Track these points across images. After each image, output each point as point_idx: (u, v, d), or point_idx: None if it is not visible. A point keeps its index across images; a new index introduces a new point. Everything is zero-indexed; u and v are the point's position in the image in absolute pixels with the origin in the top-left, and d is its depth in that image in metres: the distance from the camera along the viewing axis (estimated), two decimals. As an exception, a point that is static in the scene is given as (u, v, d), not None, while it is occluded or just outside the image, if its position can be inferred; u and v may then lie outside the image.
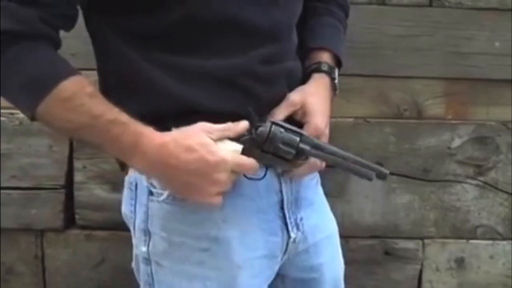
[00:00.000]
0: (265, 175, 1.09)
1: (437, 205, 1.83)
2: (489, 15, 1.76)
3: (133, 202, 1.13)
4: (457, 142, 1.81)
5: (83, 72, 1.05)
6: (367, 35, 1.74)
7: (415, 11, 1.76)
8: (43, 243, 1.81)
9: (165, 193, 1.08)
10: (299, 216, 1.17)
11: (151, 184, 1.09)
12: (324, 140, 1.16)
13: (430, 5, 1.76)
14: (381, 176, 1.09)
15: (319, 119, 1.15)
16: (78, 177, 1.78)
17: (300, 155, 1.06)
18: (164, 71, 1.05)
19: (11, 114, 1.75)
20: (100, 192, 1.74)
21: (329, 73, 1.22)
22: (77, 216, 1.80)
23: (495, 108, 1.81)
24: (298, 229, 1.16)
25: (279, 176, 1.13)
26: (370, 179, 1.09)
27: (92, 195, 1.77)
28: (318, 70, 1.21)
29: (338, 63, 1.25)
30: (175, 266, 1.09)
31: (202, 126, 1.02)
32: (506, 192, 1.84)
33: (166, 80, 1.04)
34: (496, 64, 1.77)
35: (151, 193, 1.10)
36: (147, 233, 1.11)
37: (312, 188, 1.23)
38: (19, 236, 1.81)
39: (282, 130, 1.05)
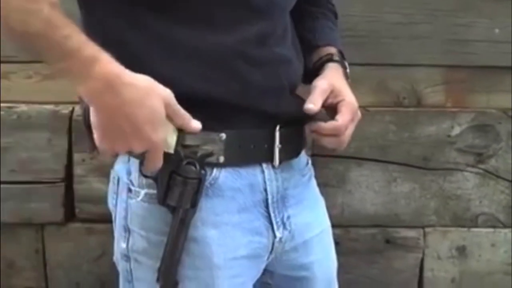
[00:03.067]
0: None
1: (437, 193, 1.83)
2: (489, 2, 1.75)
3: (115, 196, 1.13)
4: (457, 130, 1.80)
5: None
6: (366, 24, 1.74)
7: (414, -2, 1.76)
8: (43, 237, 1.81)
9: (142, 192, 1.07)
10: (286, 215, 1.14)
11: (130, 182, 1.08)
12: (357, 116, 1.17)
13: (429, -8, 1.75)
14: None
15: (351, 96, 1.17)
16: (77, 170, 1.77)
17: (169, 208, 1.03)
18: (150, 44, 1.01)
19: (10, 108, 1.75)
20: (100, 185, 1.73)
21: (341, 63, 1.24)
22: (77, 210, 1.80)
23: (495, 95, 1.80)
24: (285, 228, 1.14)
25: (263, 174, 1.11)
26: (156, 279, 1.05)
27: (92, 188, 1.76)
28: (331, 60, 1.23)
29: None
30: (154, 264, 1.06)
31: (169, 95, 0.96)
32: (507, 180, 1.84)
33: (152, 55, 1.01)
34: (496, 51, 1.76)
35: (130, 191, 1.08)
36: (126, 230, 1.10)
37: (303, 185, 1.20)
38: (20, 230, 1.81)
39: (195, 188, 1.02)
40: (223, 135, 1.05)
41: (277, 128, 1.10)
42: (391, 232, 1.84)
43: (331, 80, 1.17)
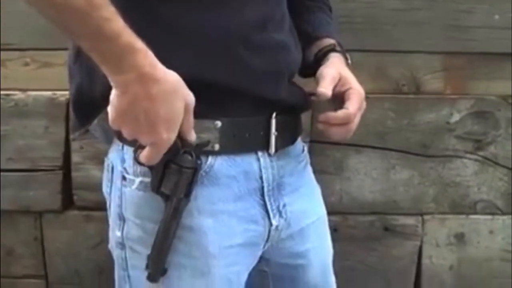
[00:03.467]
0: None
1: (436, 180, 1.83)
2: (488, -13, 1.75)
3: (109, 184, 1.12)
4: (456, 117, 1.80)
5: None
6: (364, 10, 1.73)
7: (413, -16, 1.75)
8: (42, 225, 1.81)
9: (137, 181, 1.06)
10: (282, 203, 1.14)
11: (125, 170, 1.08)
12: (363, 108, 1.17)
13: (428, -22, 1.74)
14: (149, 278, 1.05)
15: (358, 84, 1.17)
16: (75, 158, 1.77)
17: (163, 196, 1.02)
18: (148, 27, 0.98)
19: (7, 95, 1.74)
20: (97, 172, 1.72)
21: (343, 53, 1.24)
22: (75, 197, 1.80)
23: (495, 82, 1.80)
24: (280, 216, 1.14)
25: (259, 162, 1.10)
26: (145, 266, 1.05)
27: (89, 175, 1.76)
28: (334, 50, 1.23)
29: None
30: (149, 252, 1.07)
31: (190, 99, 0.96)
32: (506, 167, 1.83)
33: (150, 39, 0.96)
34: (495, 37, 1.75)
35: (124, 179, 1.08)
36: (121, 218, 1.09)
37: (299, 172, 1.20)
38: (18, 218, 1.80)
39: (190, 178, 1.01)
40: (218, 123, 1.04)
41: (274, 115, 1.10)
42: (389, 220, 1.84)
43: (338, 69, 1.18)
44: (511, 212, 1.86)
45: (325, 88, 1.13)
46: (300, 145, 1.24)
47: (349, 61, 1.25)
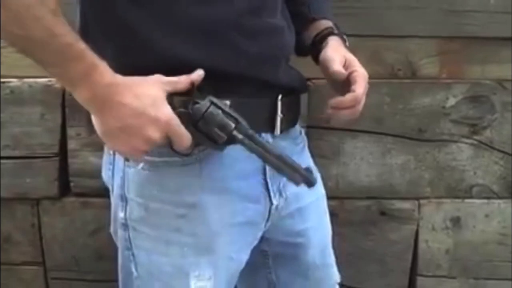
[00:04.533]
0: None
1: (432, 165, 1.83)
2: (484, -29, 1.74)
3: (110, 167, 1.13)
4: (451, 102, 1.80)
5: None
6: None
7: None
8: (39, 212, 1.81)
9: (141, 163, 1.07)
10: (281, 183, 1.16)
11: None
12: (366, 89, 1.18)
13: (423, -38, 1.74)
14: (308, 184, 1.07)
15: (361, 66, 1.19)
16: (71, 144, 1.77)
17: (231, 141, 1.03)
18: (149, 17, 1.02)
19: (3, 83, 1.73)
20: (94, 159, 1.73)
21: (341, 36, 1.26)
22: (72, 184, 1.80)
23: (490, 66, 1.80)
24: (280, 195, 1.16)
25: None
26: (296, 183, 1.06)
27: (86, 162, 1.76)
28: (332, 33, 1.24)
29: None
30: (152, 232, 1.09)
31: (158, 78, 0.99)
32: (501, 151, 1.84)
33: (149, 29, 1.02)
34: (491, 21, 1.75)
35: (127, 159, 1.08)
36: (124, 199, 1.11)
37: (298, 153, 1.21)
38: (15, 205, 1.81)
39: (219, 112, 1.01)
40: (228, 102, 1.05)
41: (279, 97, 1.12)
42: (385, 204, 1.84)
43: (341, 52, 1.19)
44: (506, 196, 1.87)
45: (339, 69, 1.14)
46: (298, 127, 1.25)
47: (347, 43, 1.26)
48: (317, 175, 1.28)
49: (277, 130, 1.13)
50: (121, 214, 1.12)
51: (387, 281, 1.89)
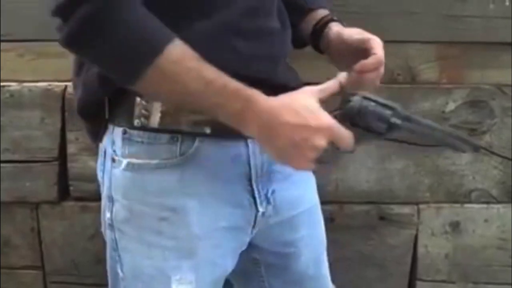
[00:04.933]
0: None
1: (431, 169, 1.84)
2: (482, -23, 1.75)
3: (102, 168, 1.13)
4: (451, 106, 1.80)
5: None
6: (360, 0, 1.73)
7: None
8: (38, 216, 1.81)
9: (125, 162, 1.07)
10: (270, 190, 1.15)
11: (114, 152, 1.09)
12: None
13: (423, -33, 1.75)
14: (476, 150, 1.07)
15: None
16: (71, 148, 1.77)
17: (391, 129, 1.03)
18: None
19: (3, 86, 1.74)
20: (93, 163, 1.70)
21: (341, 23, 1.25)
22: (71, 188, 1.80)
23: (490, 71, 1.80)
24: (268, 202, 1.15)
25: (247, 148, 1.11)
26: (464, 151, 1.07)
27: (85, 166, 1.76)
28: (333, 20, 1.24)
29: None
30: (136, 234, 1.09)
31: (309, 89, 1.02)
32: (501, 156, 1.84)
33: None
34: (490, 26, 1.75)
35: (113, 160, 1.09)
36: (111, 199, 1.10)
37: None
38: (15, 209, 1.81)
39: (373, 104, 1.02)
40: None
41: None
42: (385, 209, 1.85)
43: (353, 30, 1.21)
44: (506, 200, 1.87)
45: (361, 36, 1.17)
46: None
47: None
48: (313, 179, 1.29)
49: None
50: (108, 215, 1.12)
51: (386, 286, 1.89)
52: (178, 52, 0.95)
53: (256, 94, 0.98)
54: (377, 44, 1.16)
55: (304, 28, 1.25)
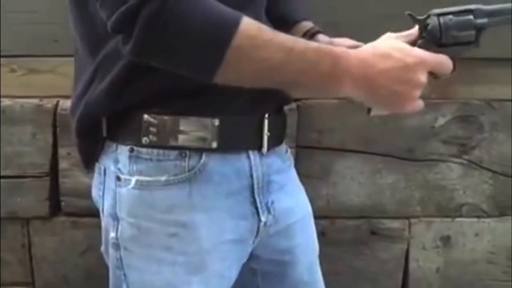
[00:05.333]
0: None
1: (422, 184, 1.85)
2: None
3: (101, 187, 1.13)
4: (441, 121, 1.82)
5: (68, 58, 1.02)
6: (349, 16, 1.74)
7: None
8: (29, 231, 1.80)
9: (133, 180, 1.07)
10: (270, 200, 1.16)
11: (119, 170, 1.09)
12: None
13: (412, -16, 1.76)
14: None
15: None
16: (62, 164, 1.77)
17: (481, 30, 1.03)
18: None
19: (-7, 102, 1.74)
20: (85, 179, 1.72)
21: (327, 34, 1.26)
22: (62, 203, 1.80)
23: (478, 86, 1.82)
24: (269, 212, 1.16)
25: (249, 160, 1.12)
26: None
27: (77, 182, 1.76)
28: (319, 32, 1.26)
29: None
30: (144, 251, 1.09)
31: (388, 36, 1.05)
32: (491, 170, 1.85)
33: None
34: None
35: (118, 179, 1.09)
36: (115, 218, 1.10)
37: (284, 171, 1.21)
38: (6, 225, 1.80)
39: (451, 17, 1.02)
40: (216, 121, 1.06)
41: (266, 116, 1.12)
42: (376, 223, 1.85)
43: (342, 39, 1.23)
44: (496, 214, 1.88)
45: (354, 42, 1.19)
46: (283, 146, 1.25)
47: None
48: (303, 190, 1.29)
49: (265, 148, 1.13)
50: (112, 234, 1.11)
51: (378, 300, 1.89)
52: (252, 28, 0.94)
53: (341, 49, 0.98)
54: None
55: None
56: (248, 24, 0.93)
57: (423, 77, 0.99)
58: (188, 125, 1.06)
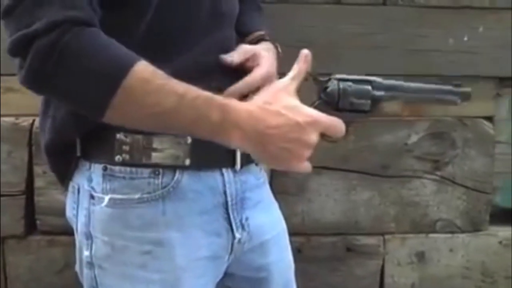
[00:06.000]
0: None
1: (396, 200, 1.86)
2: (442, 13, 1.79)
3: (75, 206, 1.13)
4: (414, 138, 1.84)
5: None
6: (322, 34, 1.77)
7: (370, 9, 1.79)
8: (4, 251, 1.79)
9: (107, 198, 1.07)
10: (244, 216, 1.16)
11: (92, 188, 1.09)
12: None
13: (384, 3, 1.79)
14: (465, 97, 1.06)
15: (267, 64, 1.16)
16: (38, 182, 1.77)
17: (377, 102, 1.04)
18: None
19: (-31, 121, 1.73)
20: (61, 197, 1.70)
21: (273, 42, 1.24)
22: (38, 222, 1.79)
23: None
24: (243, 229, 1.16)
25: (223, 177, 1.13)
26: (455, 103, 1.06)
27: (53, 200, 1.75)
28: (263, 39, 1.24)
29: None
30: (118, 270, 1.09)
31: (282, 85, 0.99)
32: (464, 186, 1.88)
33: None
34: (450, 60, 1.80)
35: (92, 197, 1.09)
36: (89, 237, 1.10)
37: (258, 188, 1.22)
38: (-19, 245, 1.78)
39: (350, 83, 1.03)
40: (189, 139, 1.06)
41: None
42: (351, 240, 1.86)
43: (256, 47, 1.19)
44: (470, 230, 1.91)
45: (232, 55, 1.14)
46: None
47: (279, 50, 1.25)
48: (277, 206, 1.30)
49: (238, 165, 1.14)
50: (86, 253, 1.11)
51: (354, 317, 1.90)
52: (146, 71, 0.92)
53: (231, 101, 0.96)
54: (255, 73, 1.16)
55: None
56: (142, 67, 0.92)
57: (313, 137, 0.96)
58: (161, 143, 1.06)
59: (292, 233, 1.33)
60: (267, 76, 1.14)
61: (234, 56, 1.14)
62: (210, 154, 1.08)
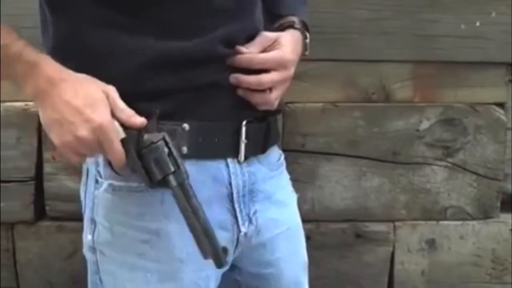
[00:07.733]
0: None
1: (407, 187, 1.85)
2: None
3: (84, 188, 1.13)
4: (425, 125, 1.83)
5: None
6: (333, 20, 1.75)
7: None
8: (14, 236, 1.79)
9: (106, 183, 1.07)
10: (253, 210, 1.13)
11: (98, 173, 1.08)
12: (287, 76, 1.13)
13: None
14: (216, 264, 1.02)
15: (289, 50, 1.13)
16: (47, 168, 1.77)
17: (164, 185, 1.00)
18: (116, 47, 1.02)
19: (-22, 106, 1.73)
20: (70, 182, 1.73)
21: (302, 31, 1.20)
22: (47, 208, 1.79)
23: (462, 90, 1.83)
24: (250, 223, 1.13)
25: (228, 168, 1.10)
26: (204, 256, 1.02)
27: (62, 186, 1.76)
28: (292, 27, 1.19)
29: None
30: (118, 256, 1.08)
31: (111, 87, 0.98)
32: (475, 173, 1.86)
33: (115, 55, 1.02)
34: (462, 46, 1.78)
35: (97, 182, 1.08)
36: (93, 221, 1.10)
37: (272, 179, 1.18)
38: (-10, 230, 1.79)
39: (166, 150, 0.99)
40: (186, 126, 1.04)
41: (244, 123, 1.09)
42: (361, 227, 1.86)
43: (280, 35, 1.14)
44: (481, 217, 1.90)
45: (248, 45, 1.10)
46: (276, 153, 1.23)
47: (308, 40, 1.21)
48: (295, 199, 1.27)
49: (241, 156, 1.10)
50: (89, 237, 1.11)
51: (363, 303, 1.90)
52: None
53: (45, 62, 0.97)
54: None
55: None
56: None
57: (84, 133, 0.95)
58: (158, 130, 1.02)
59: (302, 220, 1.32)
60: (280, 60, 1.11)
61: (248, 47, 1.09)
62: (210, 143, 1.06)
